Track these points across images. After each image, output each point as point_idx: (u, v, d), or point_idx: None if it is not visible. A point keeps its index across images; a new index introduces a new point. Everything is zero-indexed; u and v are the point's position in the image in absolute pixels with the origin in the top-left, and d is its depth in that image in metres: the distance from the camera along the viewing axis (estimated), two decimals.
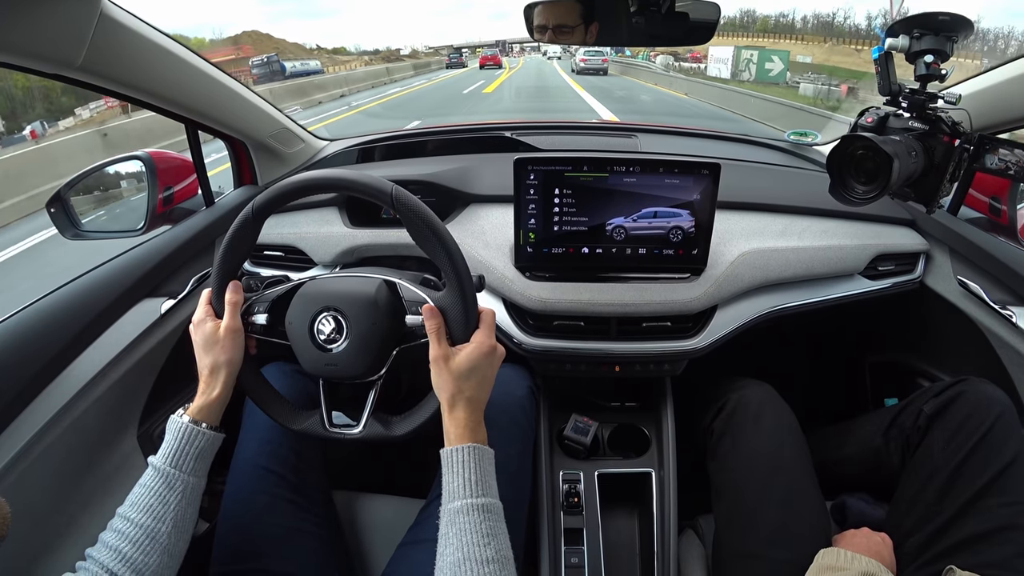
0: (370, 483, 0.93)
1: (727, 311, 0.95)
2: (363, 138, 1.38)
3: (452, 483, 0.56)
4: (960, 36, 0.74)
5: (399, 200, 0.61)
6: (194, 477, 0.61)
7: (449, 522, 0.55)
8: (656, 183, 0.87)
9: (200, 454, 0.61)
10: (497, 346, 0.64)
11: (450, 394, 0.61)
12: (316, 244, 1.05)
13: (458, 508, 0.55)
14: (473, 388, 0.61)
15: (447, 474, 0.57)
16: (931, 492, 0.73)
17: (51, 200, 0.95)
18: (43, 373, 0.70)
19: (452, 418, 0.60)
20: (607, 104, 11.98)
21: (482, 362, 0.62)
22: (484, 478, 0.57)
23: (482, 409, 0.63)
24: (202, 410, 0.63)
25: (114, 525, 0.56)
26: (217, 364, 0.65)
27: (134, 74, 0.76)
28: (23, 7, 0.56)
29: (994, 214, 1.01)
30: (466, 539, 0.52)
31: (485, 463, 0.59)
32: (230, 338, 0.66)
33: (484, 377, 0.63)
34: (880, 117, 0.79)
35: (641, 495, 0.96)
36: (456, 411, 0.60)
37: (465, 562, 0.51)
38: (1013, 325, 0.88)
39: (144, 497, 0.57)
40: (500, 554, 0.53)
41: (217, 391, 0.64)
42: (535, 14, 0.84)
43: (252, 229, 0.66)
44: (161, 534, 0.56)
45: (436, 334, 0.62)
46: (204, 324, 0.67)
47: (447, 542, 0.53)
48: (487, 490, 0.57)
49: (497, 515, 0.56)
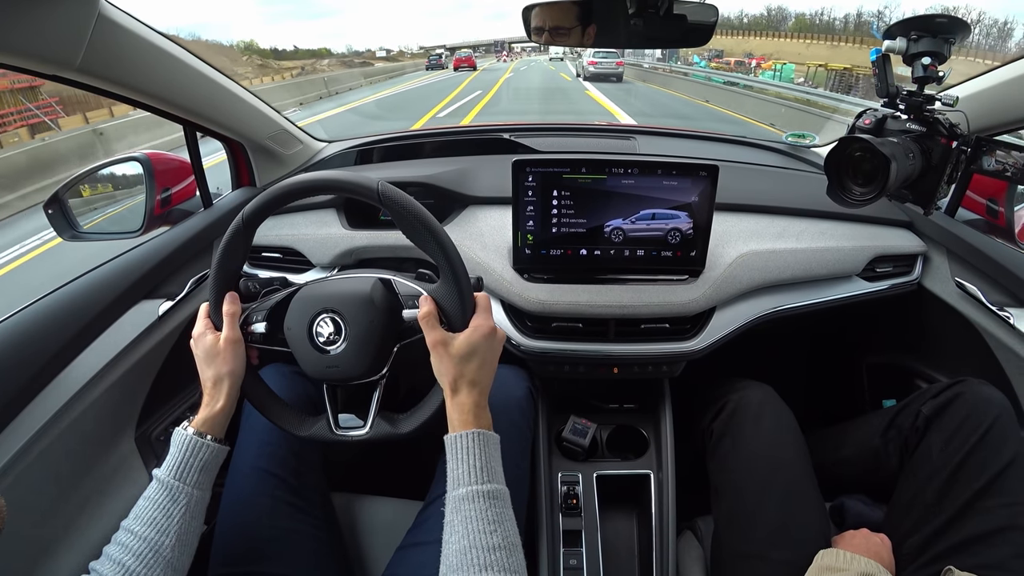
0: (369, 485, 0.93)
1: (725, 313, 0.95)
2: (362, 139, 1.38)
3: (457, 470, 0.56)
4: (957, 38, 0.74)
5: (385, 195, 0.61)
6: (198, 490, 0.60)
7: (455, 509, 0.54)
8: (654, 185, 0.87)
9: (204, 467, 0.61)
10: (496, 328, 0.64)
11: (452, 378, 0.60)
12: (314, 246, 1.05)
13: (463, 495, 0.54)
14: (475, 371, 0.60)
15: (451, 460, 0.57)
16: (929, 493, 0.73)
17: (49, 201, 0.95)
18: (41, 374, 0.70)
19: (455, 403, 0.60)
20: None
21: (482, 344, 0.61)
22: (489, 463, 0.56)
23: (486, 394, 0.62)
24: (206, 422, 0.63)
25: (118, 538, 0.56)
26: (219, 376, 0.65)
27: (132, 75, 0.76)
28: (21, 8, 0.56)
29: (991, 216, 1.01)
30: (472, 526, 0.52)
31: (490, 448, 0.58)
32: (230, 349, 0.66)
33: (485, 360, 0.62)
34: (878, 119, 0.79)
35: (639, 497, 0.96)
36: (459, 396, 0.60)
37: (472, 549, 0.50)
38: (1010, 326, 0.88)
39: (148, 510, 0.57)
40: (507, 540, 0.52)
41: (221, 403, 0.64)
42: (533, 16, 0.84)
43: (244, 237, 0.66)
44: (165, 547, 0.56)
45: (427, 319, 0.62)
46: (204, 337, 0.66)
47: (453, 529, 0.53)
48: (493, 476, 0.56)
49: (503, 501, 0.55)
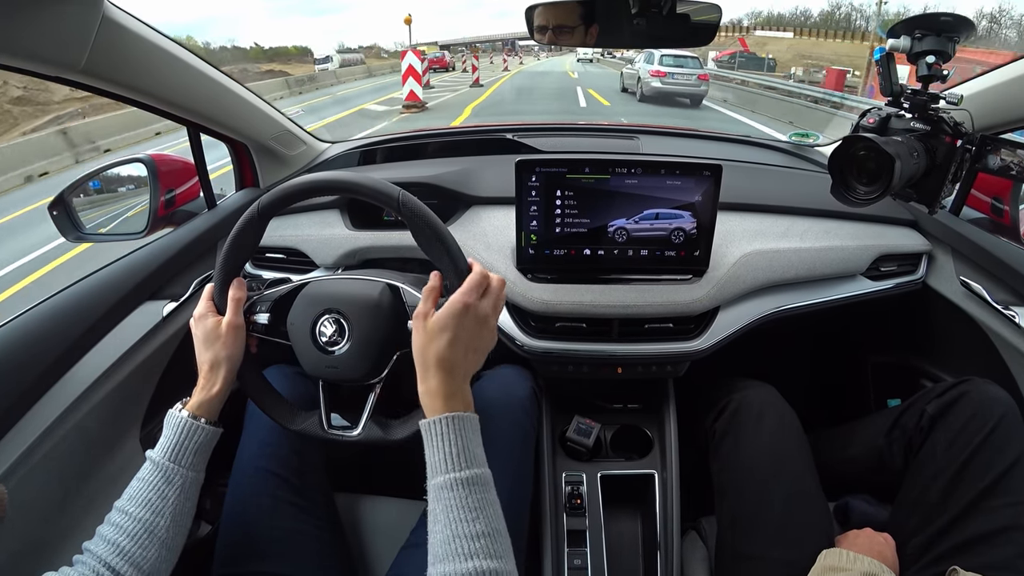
0: (372, 485, 0.93)
1: (729, 312, 0.95)
2: (365, 140, 1.38)
3: (433, 457, 0.54)
4: (962, 36, 0.74)
5: (406, 205, 0.61)
6: (193, 472, 0.61)
7: (435, 498, 0.53)
8: (658, 185, 0.87)
9: (199, 449, 0.61)
10: (473, 304, 0.58)
11: (420, 354, 0.58)
12: (318, 246, 1.05)
13: (441, 483, 0.52)
14: (443, 348, 0.56)
15: (428, 448, 0.55)
16: (934, 493, 0.73)
17: (53, 203, 0.95)
18: (46, 376, 0.70)
19: (424, 388, 0.57)
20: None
21: (452, 321, 0.57)
22: (467, 448, 0.54)
23: (459, 376, 0.58)
24: (201, 406, 0.63)
25: (112, 519, 0.56)
26: (217, 360, 0.65)
27: (137, 76, 0.76)
28: (26, 10, 0.56)
29: (996, 214, 1.01)
30: (453, 515, 0.50)
31: (467, 431, 0.55)
32: (232, 334, 0.66)
33: (457, 338, 0.57)
34: (882, 118, 0.79)
35: (644, 496, 0.96)
36: (428, 379, 0.57)
37: (455, 539, 0.49)
38: (1016, 325, 0.87)
39: (142, 491, 0.57)
40: (490, 527, 0.51)
41: (217, 387, 0.64)
42: (536, 15, 0.85)
43: (257, 228, 0.66)
44: (159, 528, 0.56)
45: (429, 292, 0.60)
46: (205, 319, 0.66)
47: (435, 519, 0.52)
48: (471, 460, 0.54)
49: (484, 485, 0.53)
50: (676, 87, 11.00)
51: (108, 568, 0.52)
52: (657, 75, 10.94)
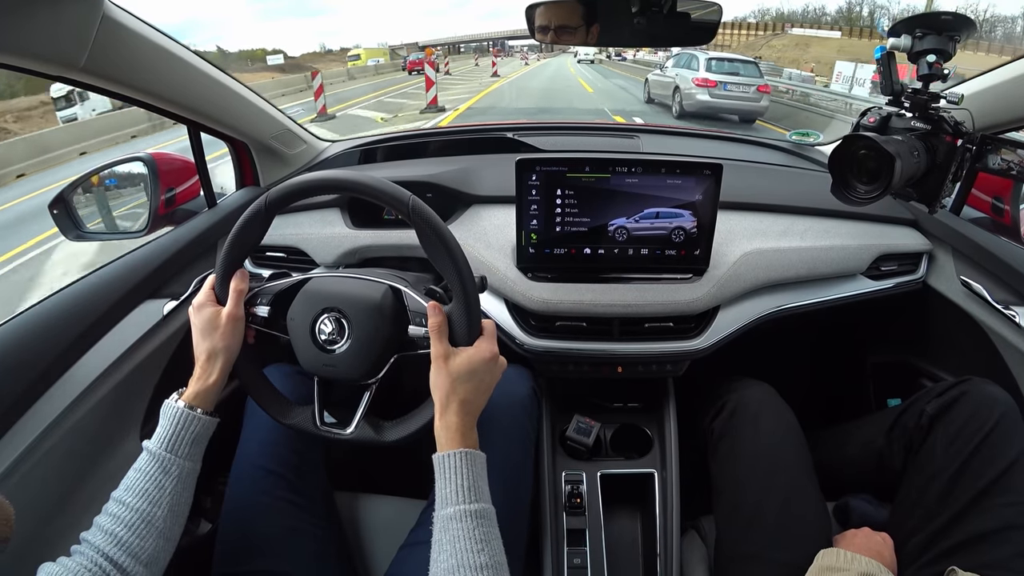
0: (372, 484, 0.93)
1: (729, 311, 0.95)
2: (365, 139, 1.38)
3: (444, 489, 0.56)
4: (963, 36, 0.73)
5: (416, 211, 0.61)
6: (189, 462, 0.61)
7: (443, 528, 0.54)
8: (658, 184, 0.87)
9: (196, 439, 0.62)
10: (499, 356, 0.64)
11: (444, 393, 0.60)
12: (318, 245, 1.05)
13: (451, 515, 0.54)
14: (468, 391, 0.60)
15: (439, 480, 0.57)
16: (933, 492, 0.73)
17: (54, 201, 0.95)
18: (46, 375, 0.70)
19: (444, 422, 0.60)
20: None
21: (481, 367, 0.61)
22: (476, 483, 0.57)
23: (475, 416, 0.62)
24: (198, 396, 0.63)
25: (109, 509, 0.56)
26: (215, 350, 0.65)
27: (137, 75, 0.76)
28: (25, 9, 0.56)
29: (997, 214, 1.01)
30: (460, 545, 0.52)
31: (477, 468, 0.58)
32: (231, 325, 0.66)
33: (481, 382, 0.62)
34: (882, 117, 0.79)
35: (644, 496, 0.96)
36: (448, 415, 0.60)
37: (459, 568, 0.51)
38: (1016, 325, 0.87)
39: (139, 481, 0.57)
40: (494, 559, 0.53)
41: (214, 377, 0.64)
42: (537, 14, 0.85)
43: (263, 221, 0.66)
44: (157, 518, 0.56)
45: (438, 331, 0.62)
46: (205, 308, 0.66)
47: (441, 548, 0.54)
48: (479, 495, 0.56)
49: (490, 520, 0.56)
50: (729, 101, 8.41)
51: (106, 558, 0.52)
52: (704, 85, 8.42)
